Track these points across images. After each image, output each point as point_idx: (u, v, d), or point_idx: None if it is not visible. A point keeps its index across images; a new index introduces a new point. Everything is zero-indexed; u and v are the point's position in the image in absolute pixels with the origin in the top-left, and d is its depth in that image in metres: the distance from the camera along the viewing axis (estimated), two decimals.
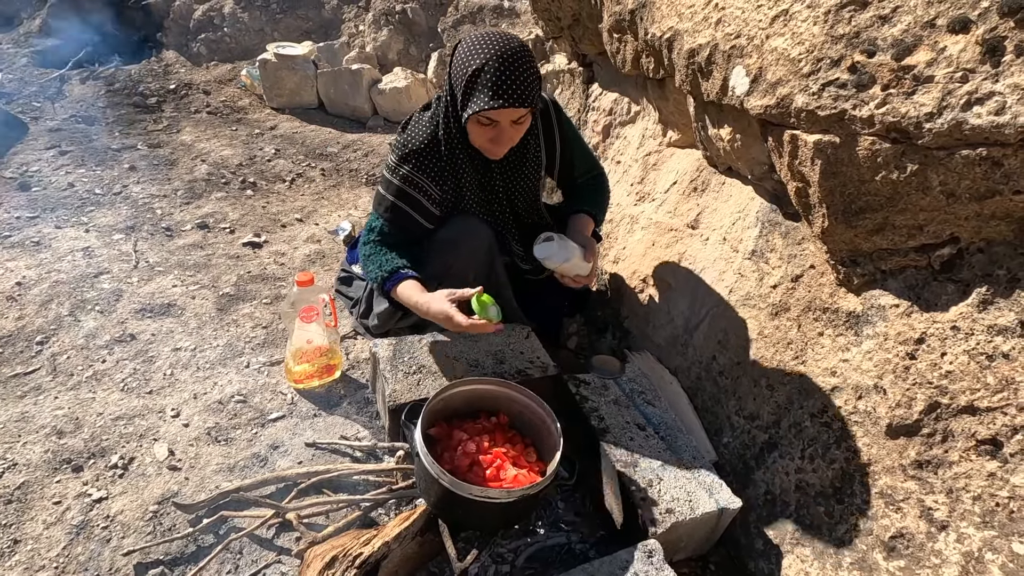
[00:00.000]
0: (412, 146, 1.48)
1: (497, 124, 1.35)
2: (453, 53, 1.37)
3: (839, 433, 1.19)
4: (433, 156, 1.48)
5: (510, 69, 1.27)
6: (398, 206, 1.50)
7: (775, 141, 1.22)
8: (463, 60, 1.32)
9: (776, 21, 1.16)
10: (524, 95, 1.29)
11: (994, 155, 0.92)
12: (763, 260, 1.46)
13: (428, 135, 1.47)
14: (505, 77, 1.27)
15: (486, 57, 1.28)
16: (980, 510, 0.97)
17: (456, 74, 1.34)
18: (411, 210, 1.50)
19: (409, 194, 1.48)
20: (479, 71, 1.28)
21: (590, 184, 1.73)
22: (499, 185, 1.56)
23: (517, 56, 1.29)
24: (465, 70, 1.31)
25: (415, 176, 1.47)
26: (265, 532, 1.29)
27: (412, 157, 1.47)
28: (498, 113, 1.32)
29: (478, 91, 1.29)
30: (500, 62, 1.27)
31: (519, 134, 1.41)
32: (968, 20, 0.91)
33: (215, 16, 4.61)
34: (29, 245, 2.26)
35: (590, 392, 1.51)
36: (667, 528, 1.19)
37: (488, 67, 1.27)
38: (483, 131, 1.37)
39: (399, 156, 1.49)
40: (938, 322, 1.07)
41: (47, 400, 1.60)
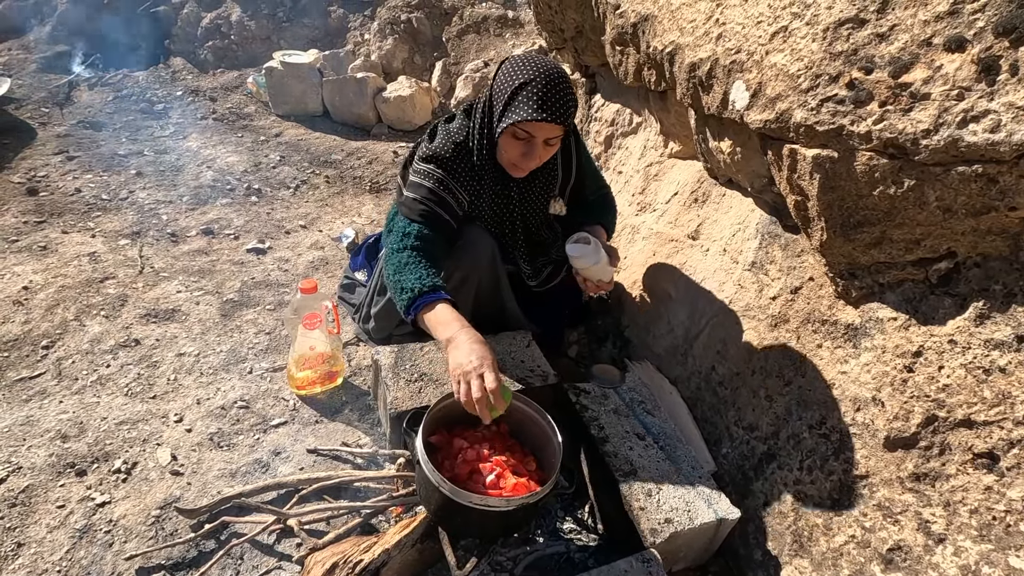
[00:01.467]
0: (443, 152, 1.49)
1: (532, 140, 1.38)
2: (497, 71, 1.41)
3: (837, 445, 1.20)
4: (463, 163, 1.50)
5: (554, 87, 1.32)
6: (432, 209, 1.46)
7: (774, 155, 1.23)
8: (508, 75, 1.37)
9: (775, 37, 1.17)
10: (563, 113, 1.33)
11: (990, 172, 0.93)
12: (763, 272, 1.48)
13: (458, 143, 1.50)
14: (549, 93, 1.32)
15: (532, 74, 1.33)
16: (977, 523, 0.98)
17: (499, 87, 1.39)
18: (444, 213, 1.48)
19: (443, 197, 1.47)
20: (524, 85, 1.33)
21: (600, 201, 1.76)
22: (515, 201, 1.60)
23: (561, 77, 1.35)
24: (510, 84, 1.35)
25: (447, 180, 1.48)
26: (266, 538, 1.30)
27: (444, 162, 1.48)
28: (536, 127, 1.36)
29: (521, 103, 1.33)
30: (545, 79, 1.32)
31: (547, 155, 1.45)
32: (964, 39, 0.93)
33: (222, 24, 4.66)
34: (36, 250, 2.28)
35: (590, 401, 1.52)
36: (666, 538, 1.19)
37: (534, 82, 1.32)
38: (516, 145, 1.40)
39: (431, 161, 1.49)
40: (935, 336, 1.08)
41: (52, 404, 1.61)
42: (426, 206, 1.46)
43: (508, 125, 1.35)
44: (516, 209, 1.60)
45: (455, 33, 4.15)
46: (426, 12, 4.26)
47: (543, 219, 1.68)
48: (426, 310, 1.29)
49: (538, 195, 1.63)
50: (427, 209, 1.46)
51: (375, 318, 1.81)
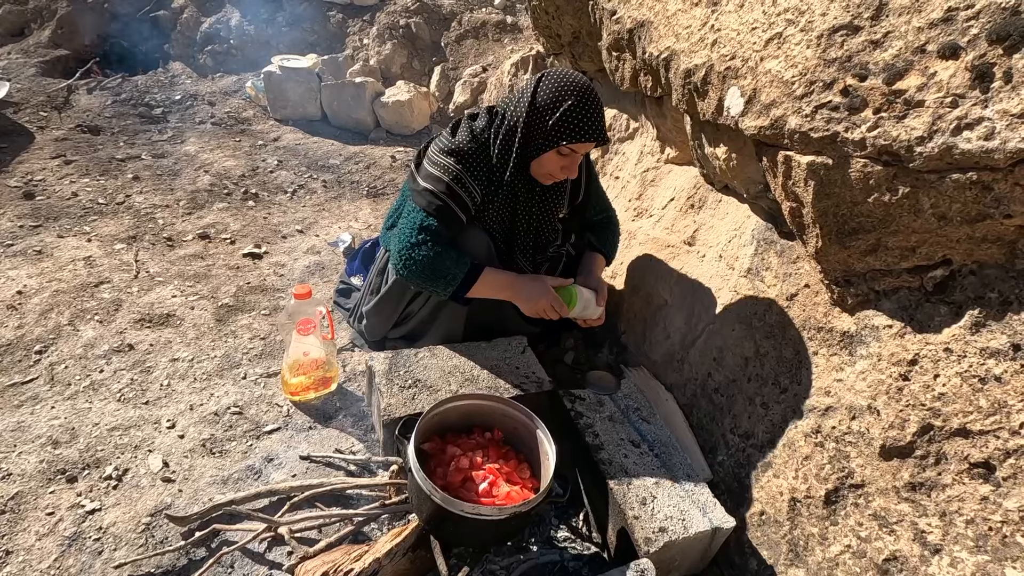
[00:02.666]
0: (464, 148, 1.51)
1: (575, 156, 1.48)
2: (538, 86, 1.46)
3: (833, 453, 1.19)
4: (482, 161, 1.52)
5: (596, 109, 1.42)
6: (447, 204, 1.49)
7: (769, 161, 1.23)
8: (553, 93, 1.42)
9: (770, 44, 1.17)
10: (604, 133, 1.46)
11: (984, 179, 0.92)
12: (758, 278, 1.47)
13: (480, 142, 1.52)
14: (595, 115, 1.42)
15: (581, 96, 1.41)
16: (973, 534, 0.97)
17: (543, 104, 1.44)
18: (456, 208, 1.51)
19: (457, 193, 1.50)
20: (574, 105, 1.40)
21: (603, 223, 1.81)
22: (536, 203, 1.64)
23: (597, 96, 1.45)
24: (556, 102, 1.42)
25: (463, 176, 1.50)
26: (257, 546, 1.29)
27: (463, 157, 1.50)
28: (585, 146, 1.46)
29: (571, 124, 1.41)
30: (590, 102, 1.41)
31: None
32: (958, 46, 0.92)
33: (221, 28, 4.66)
34: (31, 254, 2.28)
35: (585, 408, 1.51)
36: (660, 547, 1.18)
37: (580, 105, 1.41)
38: (559, 160, 1.48)
39: (451, 155, 1.51)
40: (931, 344, 1.08)
41: (44, 410, 1.60)
42: (441, 201, 1.49)
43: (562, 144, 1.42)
44: (536, 211, 1.64)
45: (454, 38, 4.16)
46: (425, 17, 4.26)
47: (554, 223, 1.71)
48: (476, 285, 1.49)
49: (552, 199, 1.66)
50: (442, 204, 1.49)
51: (367, 316, 1.81)
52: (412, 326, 1.76)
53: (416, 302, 1.70)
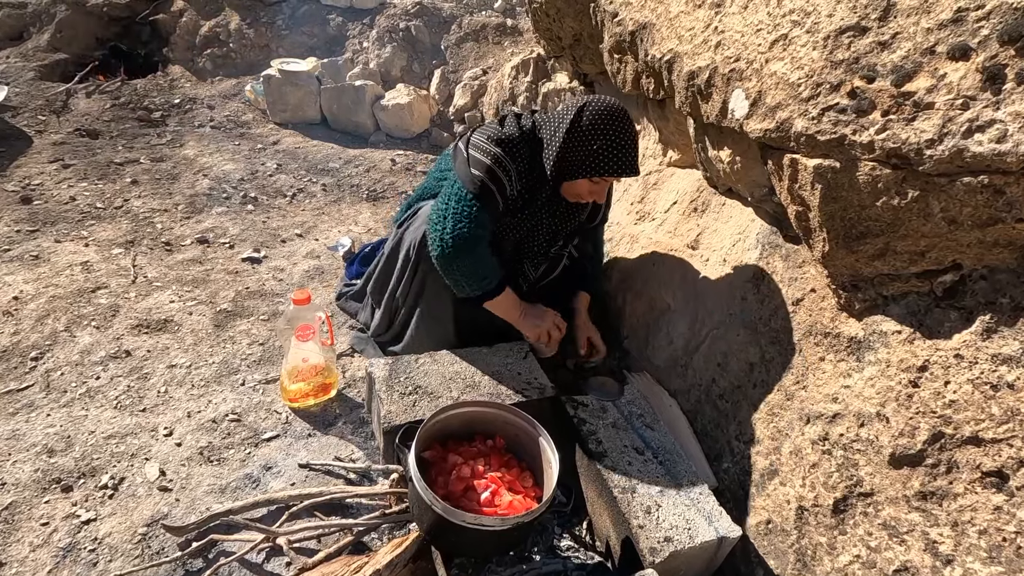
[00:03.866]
0: (510, 137, 1.52)
1: (605, 183, 1.54)
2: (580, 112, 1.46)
3: (841, 461, 1.17)
4: (524, 152, 1.54)
5: (632, 144, 1.46)
6: (489, 187, 1.50)
7: (775, 164, 1.21)
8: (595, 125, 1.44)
9: (775, 46, 1.15)
10: (638, 167, 1.50)
11: (996, 183, 0.90)
12: (763, 283, 1.45)
13: (525, 137, 1.54)
14: (630, 151, 1.46)
15: (617, 131, 1.44)
16: (986, 544, 0.95)
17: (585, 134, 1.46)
18: (497, 193, 1.52)
19: (500, 180, 1.51)
20: (612, 142, 1.44)
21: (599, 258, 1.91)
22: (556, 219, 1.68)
23: (634, 132, 1.48)
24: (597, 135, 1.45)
25: (509, 165, 1.51)
26: (255, 557, 1.26)
27: (507, 144, 1.52)
28: (616, 178, 1.52)
29: (610, 158, 1.45)
30: (627, 137, 1.45)
31: None
32: (968, 47, 0.91)
33: (221, 32, 4.65)
34: (28, 259, 2.26)
35: (588, 415, 1.49)
36: (665, 557, 1.16)
37: (619, 139, 1.44)
38: (591, 187, 1.53)
39: (500, 144, 1.52)
40: (941, 350, 1.05)
41: (39, 417, 1.58)
42: (485, 185, 1.50)
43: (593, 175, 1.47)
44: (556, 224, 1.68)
45: (454, 41, 4.15)
46: (425, 20, 4.25)
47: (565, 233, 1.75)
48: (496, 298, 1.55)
49: (572, 216, 1.70)
50: (485, 187, 1.50)
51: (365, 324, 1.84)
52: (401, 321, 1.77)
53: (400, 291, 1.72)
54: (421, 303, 1.71)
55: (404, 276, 1.71)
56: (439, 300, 1.66)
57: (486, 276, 1.51)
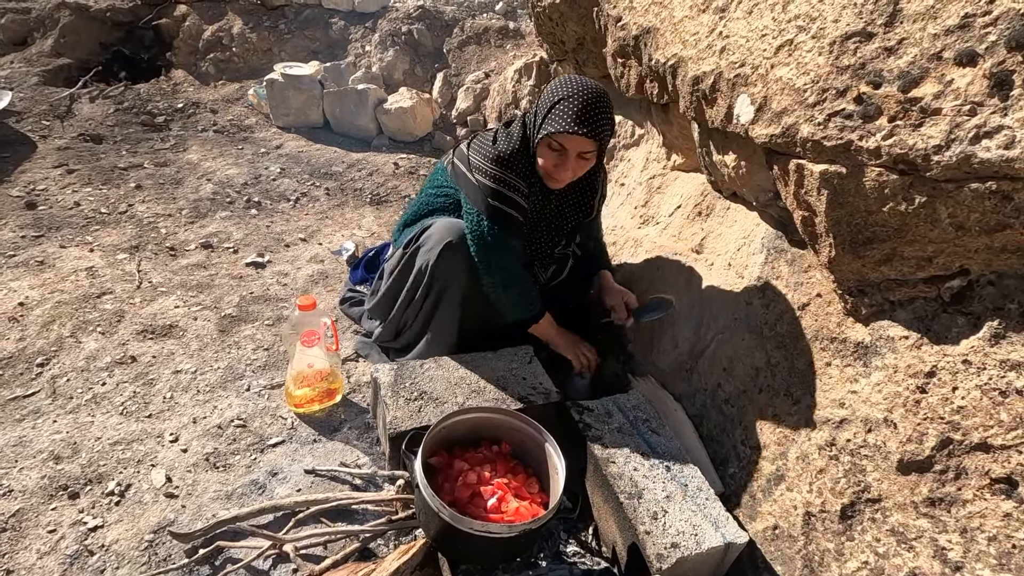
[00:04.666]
0: (505, 156, 1.53)
1: (565, 152, 1.45)
2: (545, 88, 1.49)
3: (848, 467, 1.16)
4: (523, 161, 1.54)
5: (590, 104, 1.40)
6: (509, 213, 1.51)
7: (780, 170, 1.21)
8: (551, 91, 1.46)
9: (781, 51, 1.15)
10: (596, 129, 1.41)
11: (1004, 189, 0.90)
12: (769, 287, 1.45)
13: (519, 145, 1.54)
14: (584, 109, 1.39)
15: (572, 91, 1.41)
16: (996, 551, 0.94)
17: (542, 101, 1.48)
18: (516, 215, 1.53)
19: (515, 200, 1.52)
20: (563, 99, 1.41)
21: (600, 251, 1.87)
22: (553, 214, 1.66)
23: (599, 96, 1.42)
24: (551, 98, 1.44)
25: (515, 181, 1.52)
26: (262, 563, 1.27)
27: (507, 164, 1.52)
28: (569, 139, 1.43)
29: (557, 116, 1.41)
30: (583, 96, 1.40)
31: (581, 170, 1.51)
32: (975, 53, 0.91)
33: (224, 36, 4.67)
34: (33, 265, 2.26)
35: (593, 420, 1.49)
36: (672, 563, 1.16)
37: (572, 98, 1.40)
38: (550, 156, 1.47)
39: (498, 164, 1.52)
40: (949, 355, 1.05)
41: (45, 424, 1.58)
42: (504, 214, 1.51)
43: (544, 136, 1.43)
44: (554, 220, 1.66)
45: (456, 44, 4.15)
46: (427, 24, 4.26)
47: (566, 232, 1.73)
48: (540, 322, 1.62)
49: (569, 214, 1.69)
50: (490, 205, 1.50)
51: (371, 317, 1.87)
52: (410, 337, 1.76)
53: (410, 309, 1.70)
54: (432, 326, 1.69)
55: (414, 298, 1.68)
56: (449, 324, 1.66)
57: (532, 301, 1.59)
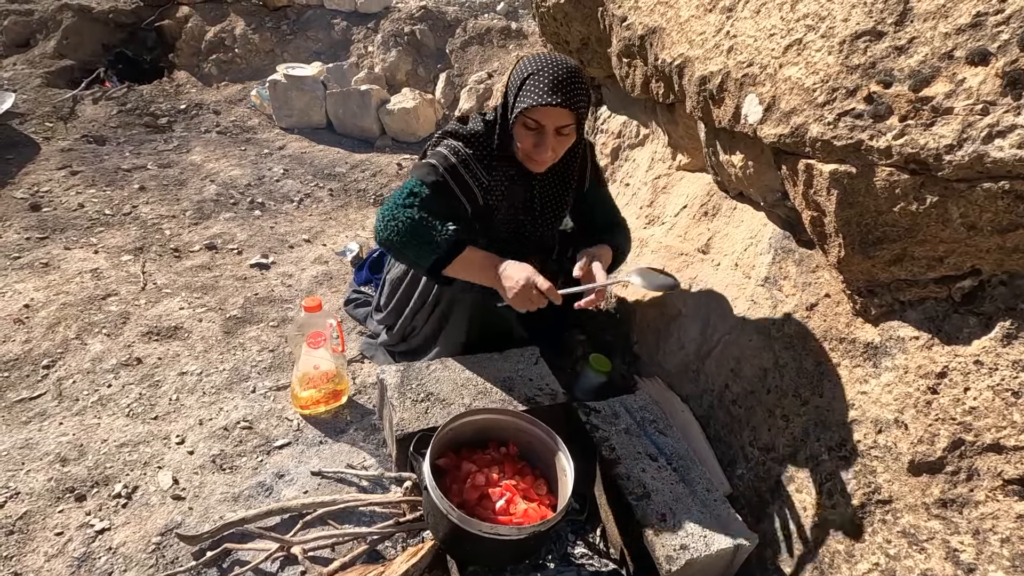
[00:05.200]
0: (474, 135, 1.48)
1: (542, 129, 1.37)
2: (514, 67, 1.42)
3: (858, 468, 1.16)
4: (490, 150, 1.49)
5: (563, 76, 1.32)
6: (446, 181, 1.45)
7: (789, 170, 1.20)
8: (521, 68, 1.39)
9: (789, 50, 1.15)
10: (572, 99, 1.32)
11: (1017, 188, 0.90)
12: (776, 287, 1.44)
13: (487, 130, 1.50)
14: (556, 80, 1.31)
15: (542, 65, 1.35)
16: (1009, 553, 0.94)
17: (512, 81, 1.40)
18: (458, 190, 1.46)
19: (462, 176, 1.46)
20: (533, 74, 1.34)
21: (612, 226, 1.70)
22: (537, 202, 1.58)
23: (571, 69, 1.35)
24: (521, 75, 1.37)
25: (471, 161, 1.46)
26: (269, 566, 1.26)
27: (472, 143, 1.48)
28: (544, 114, 1.34)
29: (529, 90, 1.33)
30: (554, 69, 1.33)
31: (562, 147, 1.42)
32: (987, 52, 0.90)
33: (226, 37, 4.67)
34: (38, 266, 2.26)
35: (601, 421, 1.48)
36: (681, 565, 1.15)
37: (543, 72, 1.33)
38: (528, 135, 1.39)
39: (460, 138, 1.48)
40: (960, 356, 1.05)
41: (52, 426, 1.58)
42: (441, 177, 1.44)
43: (518, 114, 1.35)
44: (537, 208, 1.59)
45: (458, 45, 4.15)
46: (429, 24, 4.26)
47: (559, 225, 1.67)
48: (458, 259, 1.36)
49: (561, 198, 1.61)
50: (441, 180, 1.44)
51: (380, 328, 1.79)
52: (417, 343, 1.74)
53: (419, 316, 1.68)
54: (441, 339, 1.66)
55: (423, 306, 1.65)
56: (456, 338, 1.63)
57: (432, 240, 1.34)
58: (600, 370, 1.75)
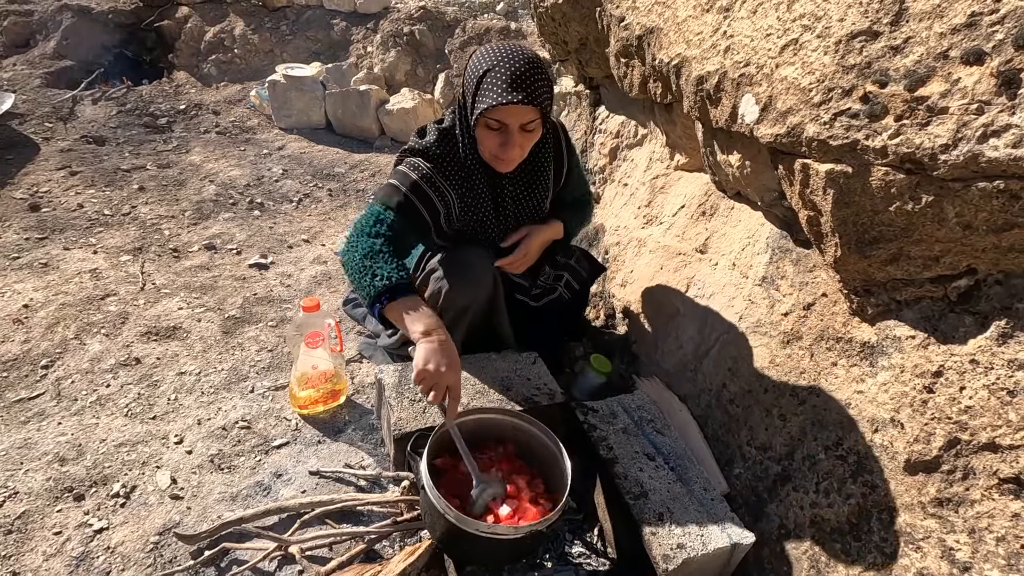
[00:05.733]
0: (431, 147, 1.43)
1: (506, 128, 1.30)
2: (467, 64, 1.34)
3: (855, 467, 1.16)
4: (451, 160, 1.44)
5: (521, 69, 1.25)
6: (411, 202, 1.39)
7: (786, 169, 1.21)
8: (475, 65, 1.31)
9: (786, 50, 1.15)
10: (534, 94, 1.25)
11: (1012, 188, 0.90)
12: (774, 287, 1.45)
13: (446, 139, 1.44)
14: (516, 75, 1.24)
15: (498, 59, 1.26)
16: (1004, 552, 0.94)
17: (468, 80, 1.32)
18: (423, 208, 1.41)
19: (425, 192, 1.41)
20: (489, 71, 1.26)
21: (576, 203, 1.71)
22: (509, 203, 1.54)
23: (529, 60, 1.27)
24: (476, 72, 1.29)
25: (433, 175, 1.41)
26: (267, 565, 1.26)
27: (432, 157, 1.42)
28: (507, 112, 1.27)
29: (488, 89, 1.25)
30: (511, 63, 1.25)
31: (528, 143, 1.37)
32: (982, 52, 0.90)
33: (225, 38, 4.67)
34: (37, 267, 2.27)
35: (598, 420, 1.49)
36: (678, 564, 1.15)
37: (499, 67, 1.25)
38: (492, 136, 1.32)
39: (418, 155, 1.44)
40: (956, 355, 1.05)
41: (50, 426, 1.59)
42: (406, 199, 1.38)
43: (478, 115, 1.28)
44: (511, 209, 1.55)
45: (457, 45, 4.15)
46: (428, 24, 4.26)
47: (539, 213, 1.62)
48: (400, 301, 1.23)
49: (535, 194, 1.57)
50: (405, 201, 1.38)
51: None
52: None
53: None
54: None
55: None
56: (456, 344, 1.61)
57: (375, 273, 1.24)
58: (601, 371, 1.76)
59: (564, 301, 1.78)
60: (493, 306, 1.57)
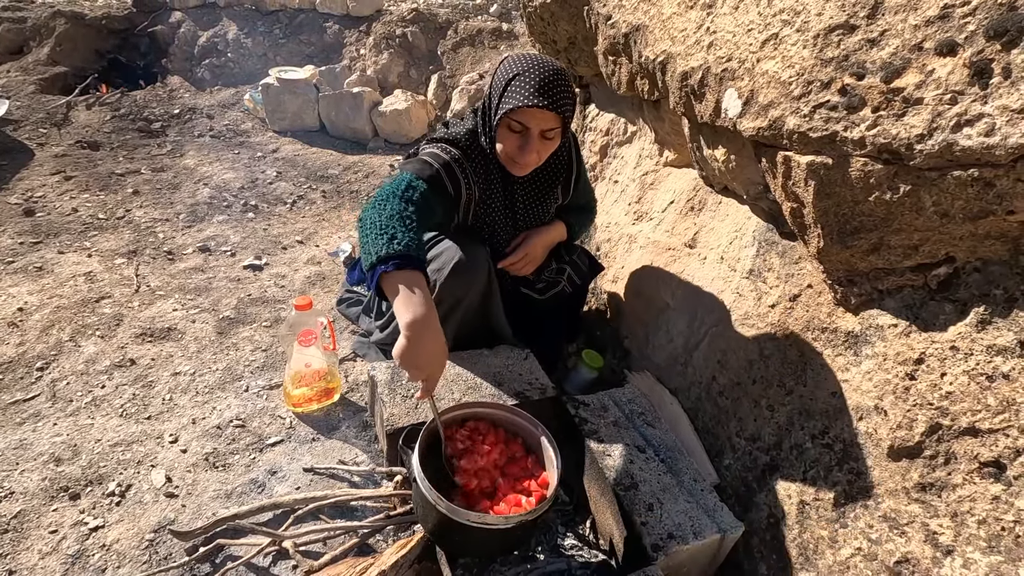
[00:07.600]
0: (462, 139, 1.46)
1: (527, 132, 1.35)
2: (496, 68, 1.40)
3: (841, 455, 1.18)
4: (477, 153, 1.48)
5: (549, 77, 1.30)
6: (441, 177, 1.40)
7: (768, 162, 1.22)
8: (505, 68, 1.36)
9: (766, 45, 1.17)
10: (558, 102, 1.31)
11: (986, 176, 0.92)
12: (761, 279, 1.46)
13: (472, 134, 1.48)
14: (543, 82, 1.29)
15: (527, 66, 1.33)
16: (986, 534, 0.95)
17: (496, 81, 1.37)
18: (450, 186, 1.43)
19: (455, 173, 1.43)
20: (518, 75, 1.32)
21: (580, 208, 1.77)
22: (520, 208, 1.59)
23: (558, 71, 1.33)
24: (505, 75, 1.34)
25: (463, 160, 1.44)
26: (262, 560, 1.28)
27: (461, 147, 1.45)
28: (530, 116, 1.32)
29: (514, 92, 1.31)
30: (540, 70, 1.31)
31: (546, 151, 1.41)
32: (955, 43, 0.92)
33: (219, 42, 4.69)
34: (32, 270, 2.28)
35: (589, 414, 1.50)
36: (669, 555, 1.17)
37: (528, 73, 1.31)
38: (512, 138, 1.37)
39: (447, 142, 1.46)
40: (937, 342, 1.07)
41: (46, 427, 1.60)
42: (438, 174, 1.39)
43: (503, 115, 1.33)
44: (520, 213, 1.59)
45: (450, 46, 4.17)
46: (421, 26, 4.28)
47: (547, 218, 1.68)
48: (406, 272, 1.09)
49: (545, 202, 1.62)
50: (437, 176, 1.39)
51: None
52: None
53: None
54: None
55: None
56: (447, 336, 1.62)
57: (394, 236, 1.12)
58: (593, 366, 1.78)
59: (566, 296, 1.81)
60: (487, 300, 1.59)
